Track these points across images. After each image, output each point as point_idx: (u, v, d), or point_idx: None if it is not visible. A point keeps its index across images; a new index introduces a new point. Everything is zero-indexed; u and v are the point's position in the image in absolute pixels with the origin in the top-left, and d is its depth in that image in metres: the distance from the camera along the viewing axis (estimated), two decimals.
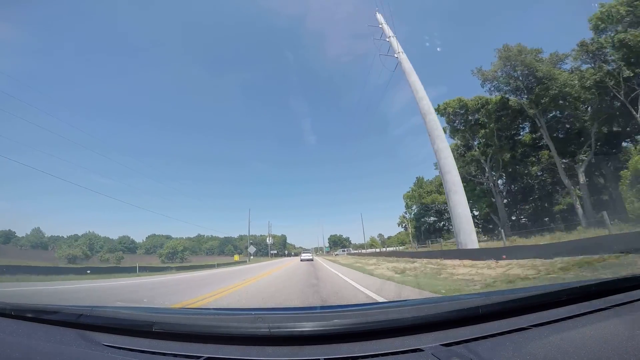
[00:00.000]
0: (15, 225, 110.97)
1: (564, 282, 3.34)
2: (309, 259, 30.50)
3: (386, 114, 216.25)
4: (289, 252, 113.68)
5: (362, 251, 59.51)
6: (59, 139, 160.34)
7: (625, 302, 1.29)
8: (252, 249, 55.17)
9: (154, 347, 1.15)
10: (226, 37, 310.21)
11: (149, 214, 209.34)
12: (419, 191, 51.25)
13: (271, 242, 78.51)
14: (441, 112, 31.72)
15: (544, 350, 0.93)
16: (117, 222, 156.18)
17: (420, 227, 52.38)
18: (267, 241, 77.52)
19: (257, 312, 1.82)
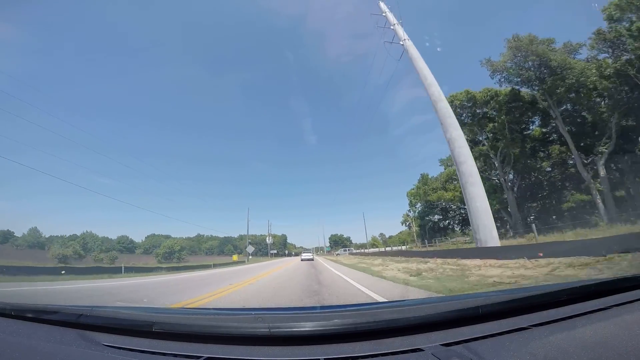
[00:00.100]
0: (14, 225, 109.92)
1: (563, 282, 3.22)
2: (310, 259, 32.68)
3: (387, 113, 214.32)
4: (289, 252, 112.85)
5: (365, 251, 58.15)
6: (59, 138, 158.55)
7: (625, 302, 1.28)
8: (251, 249, 54.28)
9: (154, 347, 1.15)
10: (226, 37, 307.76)
11: (149, 213, 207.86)
12: (423, 188, 49.53)
13: (271, 241, 77.48)
14: None
15: (544, 350, 0.92)
16: (116, 222, 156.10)
17: (424, 226, 50.96)
18: (267, 241, 76.43)
19: (257, 312, 1.82)
